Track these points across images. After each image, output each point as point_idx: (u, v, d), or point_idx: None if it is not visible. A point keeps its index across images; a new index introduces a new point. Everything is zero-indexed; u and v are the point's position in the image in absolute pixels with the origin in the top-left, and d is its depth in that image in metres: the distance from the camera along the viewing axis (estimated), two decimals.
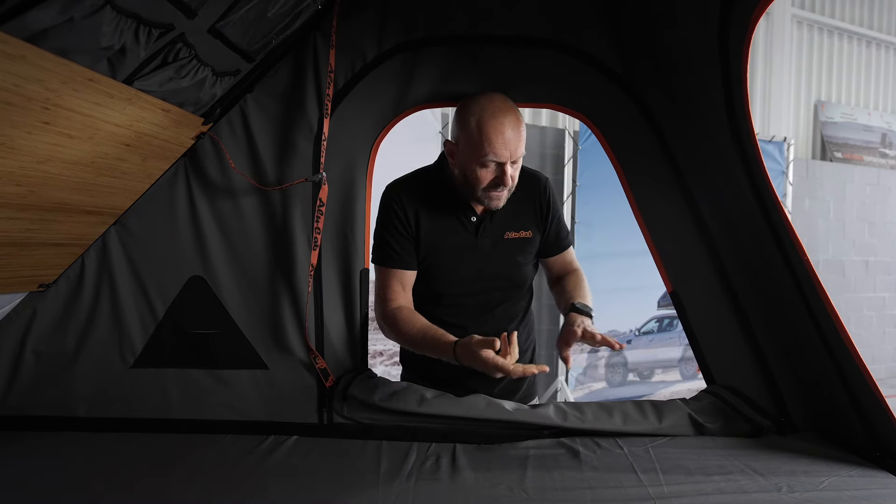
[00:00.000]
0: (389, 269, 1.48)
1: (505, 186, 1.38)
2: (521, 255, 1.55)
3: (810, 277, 1.25)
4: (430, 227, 1.48)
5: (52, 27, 0.89)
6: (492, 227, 1.50)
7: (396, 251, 1.47)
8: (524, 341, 1.64)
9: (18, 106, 0.99)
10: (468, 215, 1.49)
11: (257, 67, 1.47)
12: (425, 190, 1.50)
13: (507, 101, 1.39)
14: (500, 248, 1.51)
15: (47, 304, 1.51)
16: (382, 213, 1.51)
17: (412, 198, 1.48)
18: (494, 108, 1.35)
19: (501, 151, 1.33)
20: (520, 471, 1.21)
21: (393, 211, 1.47)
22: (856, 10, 6.38)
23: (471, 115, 1.36)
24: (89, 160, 1.25)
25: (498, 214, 1.49)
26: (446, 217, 1.49)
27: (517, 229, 1.53)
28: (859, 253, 5.83)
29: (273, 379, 1.51)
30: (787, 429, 1.39)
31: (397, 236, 1.47)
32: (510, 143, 1.34)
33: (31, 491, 1.16)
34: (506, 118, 1.34)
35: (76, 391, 1.50)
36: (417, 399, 1.42)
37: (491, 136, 1.33)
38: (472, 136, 1.35)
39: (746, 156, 1.31)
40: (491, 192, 1.39)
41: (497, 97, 1.39)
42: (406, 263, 1.48)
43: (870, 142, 6.42)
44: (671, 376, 4.45)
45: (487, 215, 1.49)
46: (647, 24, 1.51)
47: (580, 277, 1.58)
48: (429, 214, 1.48)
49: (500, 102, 1.37)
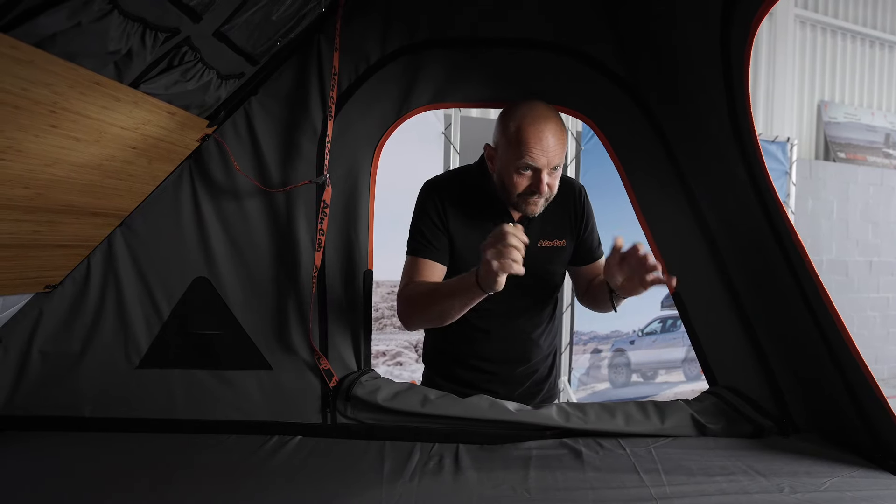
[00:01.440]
0: (420, 259, 1.45)
1: (541, 195, 1.36)
2: (553, 265, 1.55)
3: (812, 278, 1.25)
4: (465, 230, 1.47)
5: (61, 32, 0.90)
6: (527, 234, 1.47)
7: (430, 241, 1.45)
8: (547, 346, 1.65)
9: (26, 110, 1.00)
10: (504, 221, 1.47)
11: (262, 70, 1.48)
12: (463, 191, 1.49)
13: (550, 109, 1.37)
14: (533, 257, 1.47)
15: (53, 305, 1.52)
16: (419, 206, 1.50)
17: (450, 197, 1.47)
18: (536, 114, 1.34)
19: (539, 158, 1.32)
20: (522, 471, 1.22)
21: (431, 205, 1.46)
22: (859, 9, 6.37)
23: (511, 121, 1.34)
24: (96, 163, 1.26)
25: (534, 222, 1.48)
26: (481, 221, 1.47)
27: (551, 238, 1.52)
28: (863, 253, 5.81)
29: (277, 379, 1.52)
30: (789, 429, 1.40)
31: (432, 228, 1.45)
32: (549, 150, 1.32)
33: (37, 490, 1.17)
34: (546, 125, 1.33)
35: (82, 391, 1.51)
36: (420, 399, 1.43)
37: (530, 141, 1.31)
38: (510, 141, 1.34)
39: (748, 156, 1.32)
40: (527, 199, 1.38)
41: (539, 104, 1.37)
42: (438, 255, 1.45)
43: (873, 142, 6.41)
44: (675, 377, 4.45)
45: (523, 222, 1.48)
46: (648, 25, 1.51)
47: None
48: (465, 216, 1.47)
49: (542, 109, 1.36)
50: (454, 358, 1.56)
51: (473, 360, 1.57)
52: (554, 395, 1.71)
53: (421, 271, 1.44)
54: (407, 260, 1.48)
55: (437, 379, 1.60)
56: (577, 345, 4.13)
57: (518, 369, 1.60)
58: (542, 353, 1.64)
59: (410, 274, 1.45)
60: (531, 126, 1.32)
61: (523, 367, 1.61)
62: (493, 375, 1.57)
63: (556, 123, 1.35)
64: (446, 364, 1.58)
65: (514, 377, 1.60)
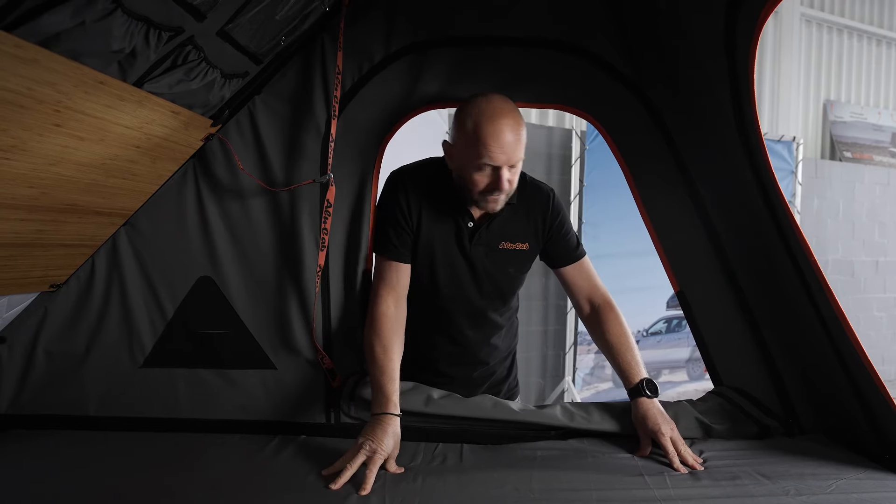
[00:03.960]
0: (387, 261, 1.46)
1: (501, 191, 1.34)
2: (514, 267, 1.53)
3: (817, 278, 1.25)
4: (429, 225, 1.46)
5: (65, 31, 0.90)
6: (488, 235, 1.47)
7: (393, 242, 1.45)
8: (505, 348, 1.66)
9: (31, 109, 1.00)
10: (465, 220, 1.46)
11: (265, 69, 1.48)
12: (430, 185, 1.48)
13: (507, 103, 1.34)
14: (493, 258, 1.48)
15: (58, 304, 1.52)
16: (385, 199, 1.49)
17: (417, 191, 1.46)
18: (493, 110, 1.30)
19: (498, 156, 1.29)
20: (527, 471, 1.21)
21: (396, 200, 1.46)
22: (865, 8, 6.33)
23: (468, 117, 1.32)
24: (100, 162, 1.26)
25: (495, 223, 1.46)
26: (445, 218, 1.47)
27: (514, 241, 1.49)
28: (869, 253, 5.78)
29: (281, 379, 1.52)
30: (795, 430, 1.39)
31: (396, 227, 1.45)
32: (507, 147, 1.29)
33: (42, 489, 1.17)
34: (503, 121, 1.29)
35: (86, 390, 1.51)
36: (424, 399, 1.42)
37: (487, 139, 1.28)
38: (468, 138, 1.31)
39: (753, 155, 1.31)
40: (488, 196, 1.36)
41: (496, 98, 1.33)
42: (402, 256, 1.46)
43: (880, 141, 6.37)
44: (678, 377, 4.44)
45: (485, 222, 1.46)
46: (653, 25, 1.51)
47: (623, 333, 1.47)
48: (429, 211, 1.46)
49: (499, 104, 1.32)
50: (412, 360, 1.50)
51: (433, 364, 1.57)
52: (513, 397, 1.70)
53: (388, 275, 1.45)
54: (376, 258, 1.50)
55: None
56: (582, 345, 4.12)
57: (476, 371, 1.60)
58: (501, 355, 1.64)
59: (378, 275, 1.48)
60: (488, 124, 1.28)
61: (481, 370, 1.61)
62: (451, 379, 1.56)
63: (514, 119, 1.31)
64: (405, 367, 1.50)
65: (473, 380, 1.60)
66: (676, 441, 1.28)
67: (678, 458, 1.24)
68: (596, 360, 4.17)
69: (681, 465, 1.23)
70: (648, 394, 1.36)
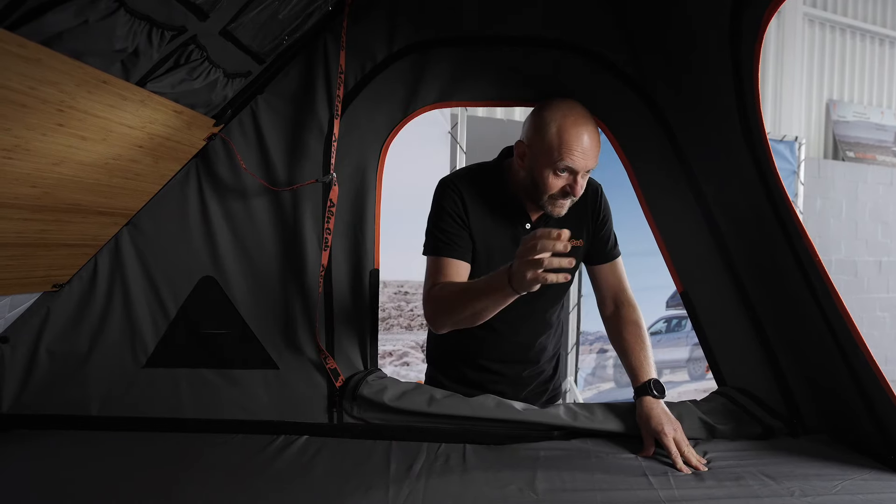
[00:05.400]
0: (443, 258, 1.40)
1: (574, 197, 1.35)
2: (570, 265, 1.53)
3: (822, 277, 1.24)
4: (483, 228, 1.44)
5: (67, 30, 0.90)
6: None
7: (452, 239, 1.41)
8: (553, 347, 1.65)
9: (34, 108, 1.00)
10: (522, 222, 1.45)
11: (268, 69, 1.47)
12: (482, 189, 1.46)
13: (587, 111, 1.36)
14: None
15: (61, 303, 1.52)
16: (437, 203, 1.46)
17: (468, 194, 1.44)
18: (577, 115, 1.32)
19: (578, 161, 1.31)
20: (530, 471, 1.21)
21: (449, 202, 1.43)
22: (868, 7, 6.31)
23: (551, 120, 1.32)
24: (103, 162, 1.26)
25: (552, 223, 1.45)
26: (500, 221, 1.45)
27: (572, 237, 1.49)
28: (872, 253, 5.76)
29: (283, 379, 1.52)
30: (799, 430, 1.38)
31: (453, 225, 1.42)
32: (588, 153, 1.31)
33: (44, 489, 1.17)
34: (586, 128, 1.32)
35: (89, 390, 1.51)
36: (427, 399, 1.42)
37: (571, 143, 1.30)
38: (549, 141, 1.31)
39: (757, 155, 1.31)
40: (557, 200, 1.36)
41: (578, 105, 1.36)
42: (461, 253, 1.41)
43: (883, 141, 6.35)
44: (679, 377, 4.42)
45: (541, 222, 1.46)
46: (656, 24, 1.50)
47: (641, 335, 1.47)
48: (483, 214, 1.44)
49: (582, 110, 1.34)
50: (462, 358, 1.55)
51: (482, 361, 1.56)
52: (558, 396, 1.70)
53: (445, 271, 1.39)
54: (428, 260, 1.44)
55: (443, 379, 1.59)
56: (584, 345, 4.11)
57: (526, 370, 1.59)
58: (549, 355, 1.63)
59: (434, 274, 1.40)
60: (573, 128, 1.30)
61: (531, 369, 1.60)
62: (501, 377, 1.56)
63: (595, 126, 1.35)
64: (453, 364, 1.57)
65: (522, 379, 1.59)
66: (680, 442, 1.27)
67: (681, 459, 1.24)
68: (598, 360, 4.17)
69: (684, 465, 1.23)
70: (655, 393, 1.36)
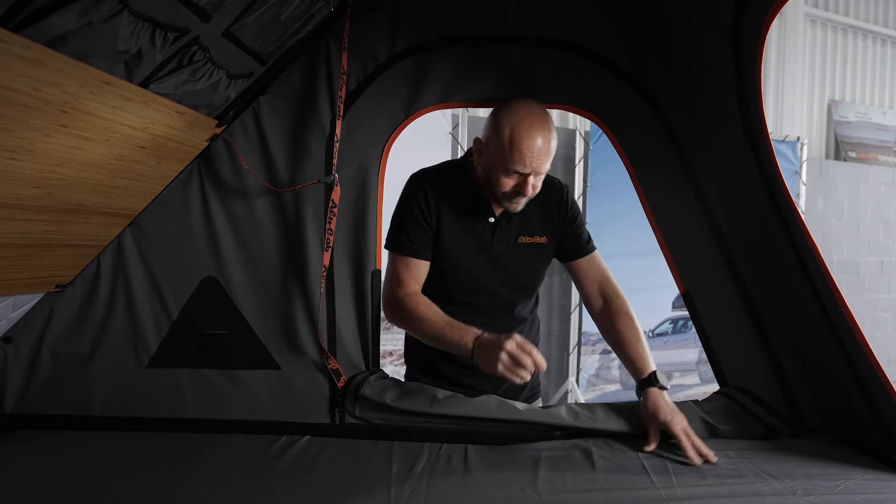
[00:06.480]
0: (402, 256, 1.47)
1: (525, 196, 1.39)
2: (534, 261, 1.55)
3: (825, 278, 1.24)
4: (449, 224, 1.48)
5: (71, 31, 0.91)
6: (507, 230, 1.50)
7: (412, 239, 1.46)
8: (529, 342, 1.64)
9: (37, 109, 1.00)
10: (486, 216, 1.49)
11: (270, 70, 1.48)
12: (450, 185, 1.50)
13: (545, 114, 1.38)
14: (514, 252, 1.51)
15: (64, 304, 1.53)
16: (405, 199, 1.51)
17: (437, 190, 1.49)
18: (532, 120, 1.35)
19: (529, 164, 1.34)
20: (532, 471, 1.21)
21: (416, 199, 1.47)
22: (870, 7, 6.30)
23: (506, 122, 1.35)
24: (105, 162, 1.27)
25: (514, 219, 1.50)
26: (466, 216, 1.49)
27: (531, 234, 1.53)
28: (874, 253, 5.75)
29: (285, 379, 1.52)
30: (801, 431, 1.38)
31: (416, 225, 1.47)
32: (539, 157, 1.34)
33: (47, 488, 1.17)
34: (540, 132, 1.34)
35: (91, 390, 1.51)
36: (429, 399, 1.42)
37: (522, 148, 1.33)
38: (503, 143, 1.35)
39: (760, 156, 1.31)
40: (511, 198, 1.41)
41: (536, 108, 1.38)
42: (419, 253, 1.47)
43: (884, 141, 6.34)
44: (690, 380, 4.39)
45: (504, 218, 1.50)
46: (659, 25, 1.50)
47: (635, 326, 1.49)
48: (450, 210, 1.49)
49: (538, 115, 1.37)
50: (437, 353, 1.51)
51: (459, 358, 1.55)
52: (538, 393, 1.71)
53: (405, 270, 1.46)
54: (389, 255, 1.50)
55: (419, 375, 1.60)
56: (586, 345, 4.11)
57: None
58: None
59: (395, 272, 1.47)
60: (526, 133, 1.33)
61: None
62: (475, 370, 1.55)
63: (549, 129, 1.37)
64: (428, 360, 1.57)
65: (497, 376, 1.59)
66: (689, 432, 1.29)
67: (693, 449, 1.24)
68: (601, 360, 4.16)
69: (696, 455, 1.24)
70: (661, 385, 1.37)
